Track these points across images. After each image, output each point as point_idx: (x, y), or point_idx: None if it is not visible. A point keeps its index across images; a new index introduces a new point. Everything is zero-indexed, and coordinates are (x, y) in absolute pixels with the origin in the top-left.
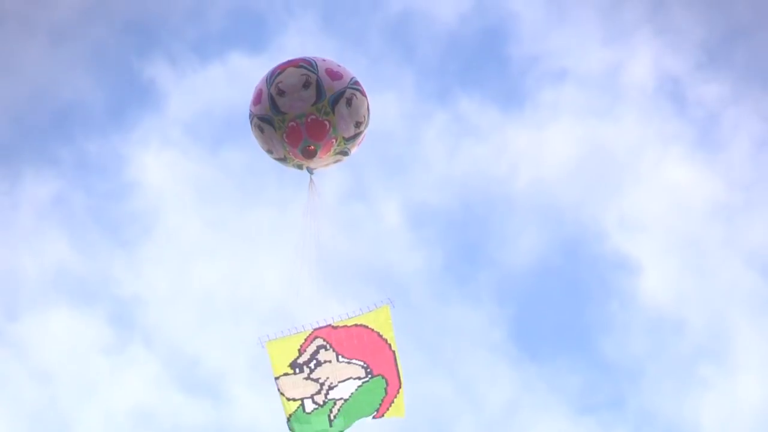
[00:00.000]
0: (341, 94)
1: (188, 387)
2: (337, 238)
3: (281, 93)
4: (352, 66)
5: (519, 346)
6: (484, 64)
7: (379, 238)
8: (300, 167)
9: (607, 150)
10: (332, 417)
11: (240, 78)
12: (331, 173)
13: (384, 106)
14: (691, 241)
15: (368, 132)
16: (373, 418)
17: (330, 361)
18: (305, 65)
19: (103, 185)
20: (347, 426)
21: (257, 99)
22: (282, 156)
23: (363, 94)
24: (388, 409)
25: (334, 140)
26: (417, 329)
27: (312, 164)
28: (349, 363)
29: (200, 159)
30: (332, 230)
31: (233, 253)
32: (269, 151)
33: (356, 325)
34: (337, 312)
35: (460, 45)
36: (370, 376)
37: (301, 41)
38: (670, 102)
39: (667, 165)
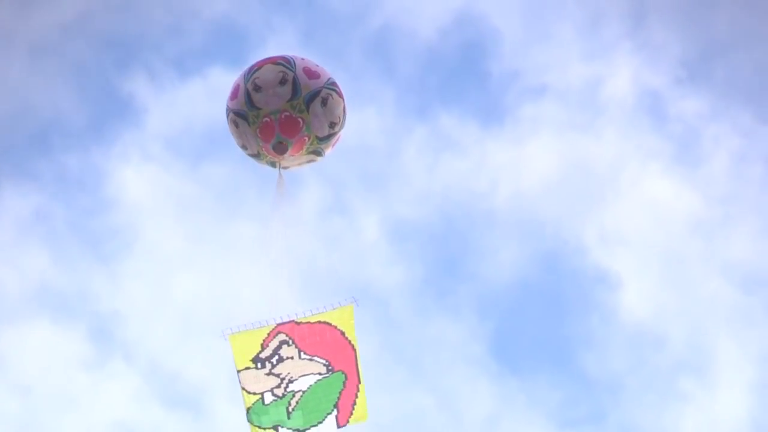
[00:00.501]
0: (317, 93)
1: (169, 401)
2: (314, 247)
3: (257, 89)
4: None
5: (499, 360)
6: (464, 80)
7: (359, 251)
8: (273, 165)
9: (587, 165)
10: (290, 409)
11: (220, 93)
12: (311, 188)
13: (364, 121)
14: (671, 255)
15: (344, 136)
16: (338, 426)
17: (292, 358)
18: (283, 62)
19: (83, 200)
20: (307, 425)
21: (234, 94)
22: (255, 152)
23: (340, 95)
24: (351, 413)
25: (306, 138)
26: (397, 342)
27: (285, 162)
28: (311, 360)
29: (180, 173)
30: (309, 239)
31: (214, 267)
32: (243, 147)
33: (319, 322)
34: (302, 308)
35: (440, 60)
36: (330, 372)
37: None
38: (650, 117)
39: (647, 180)
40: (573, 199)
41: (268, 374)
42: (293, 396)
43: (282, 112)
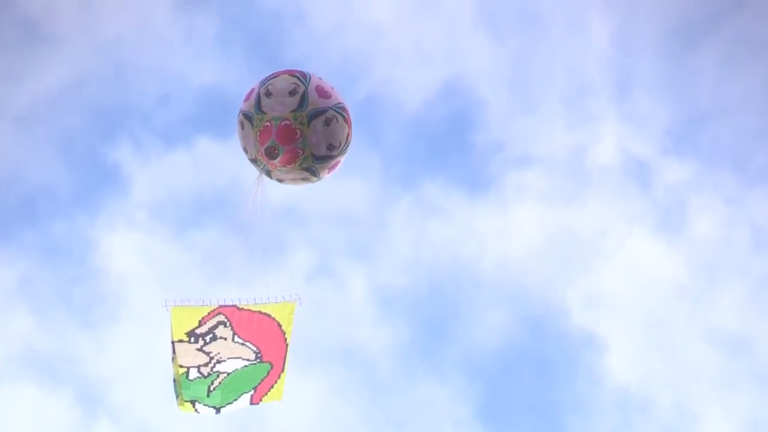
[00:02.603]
0: (322, 111)
1: None
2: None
3: (268, 94)
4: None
5: (486, 423)
6: (449, 149)
7: (346, 314)
8: (269, 174)
9: (573, 230)
10: (212, 389)
11: (206, 162)
12: (298, 252)
13: (351, 188)
14: (657, 319)
15: (344, 162)
16: (251, 403)
17: (225, 339)
18: (299, 76)
19: (69, 268)
20: (224, 402)
21: (247, 96)
22: (253, 157)
23: (346, 121)
24: (266, 393)
25: (300, 151)
26: (384, 405)
27: (279, 174)
28: (242, 344)
29: (166, 241)
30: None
31: None
32: (245, 150)
33: (260, 312)
34: (246, 296)
35: (426, 130)
36: (258, 360)
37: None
38: (635, 184)
39: (632, 245)
40: (559, 264)
41: (199, 350)
42: (217, 377)
43: (283, 120)
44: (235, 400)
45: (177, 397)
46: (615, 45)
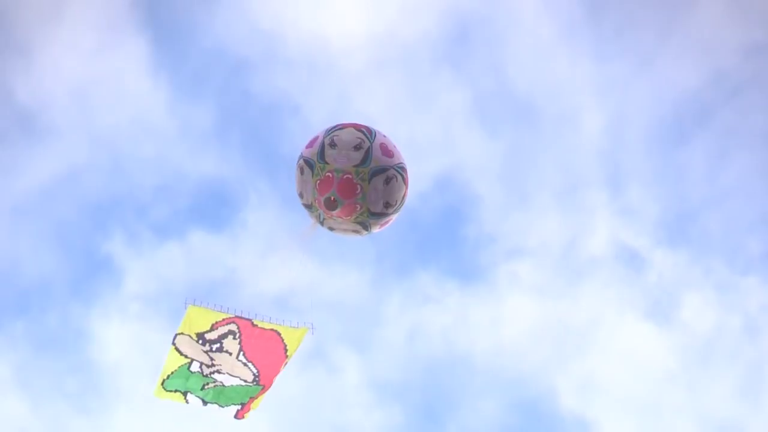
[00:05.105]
0: (384, 170)
1: None
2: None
3: (333, 145)
4: (315, 244)
5: None
6: (443, 241)
7: (339, 398)
8: (321, 221)
9: (565, 319)
10: (206, 387)
11: (199, 254)
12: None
13: (346, 279)
14: (649, 405)
15: (396, 219)
16: (236, 417)
17: (231, 354)
18: (365, 131)
19: (63, 358)
20: (213, 401)
21: (311, 143)
22: (309, 202)
23: (405, 182)
24: (249, 409)
25: (358, 206)
26: None
27: (332, 223)
28: (244, 365)
29: (159, 331)
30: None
31: (193, 423)
32: (300, 195)
33: (272, 330)
34: (266, 313)
35: (420, 222)
36: (255, 383)
37: (264, 217)
38: (628, 273)
39: (624, 332)
40: (551, 351)
41: (204, 351)
42: (213, 382)
43: (345, 173)
44: (225, 406)
45: (169, 392)
46: (607, 138)
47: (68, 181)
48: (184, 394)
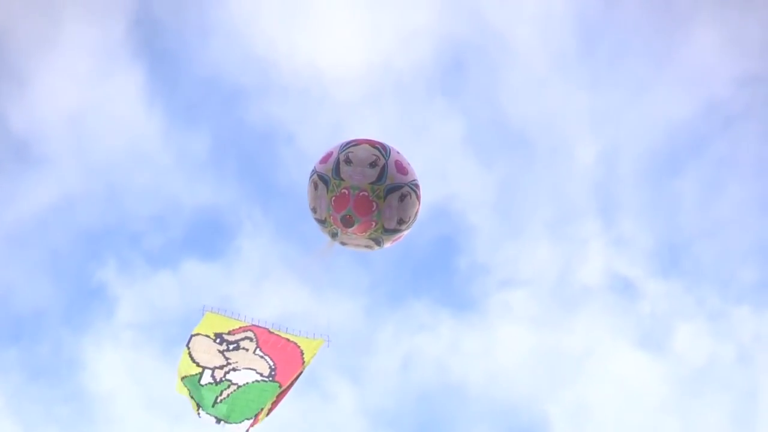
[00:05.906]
0: (399, 187)
1: None
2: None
3: (348, 161)
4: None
5: None
6: (438, 272)
7: (334, 425)
8: (334, 236)
9: (558, 347)
10: (219, 400)
11: (192, 283)
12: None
13: (342, 310)
14: None
15: (408, 235)
16: (247, 429)
17: (247, 350)
18: (380, 148)
19: (56, 386)
20: (226, 418)
21: (325, 159)
22: (323, 218)
23: (418, 198)
24: (260, 419)
25: (374, 223)
26: None
27: (345, 238)
28: (261, 357)
29: (152, 359)
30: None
31: None
32: (313, 210)
33: (288, 340)
34: (283, 323)
35: (415, 253)
36: (271, 378)
37: (258, 244)
38: (620, 302)
39: (617, 361)
40: (544, 378)
41: (220, 351)
42: (228, 387)
43: (361, 191)
44: (237, 423)
45: (181, 379)
46: (600, 168)
47: (62, 209)
48: (198, 405)
